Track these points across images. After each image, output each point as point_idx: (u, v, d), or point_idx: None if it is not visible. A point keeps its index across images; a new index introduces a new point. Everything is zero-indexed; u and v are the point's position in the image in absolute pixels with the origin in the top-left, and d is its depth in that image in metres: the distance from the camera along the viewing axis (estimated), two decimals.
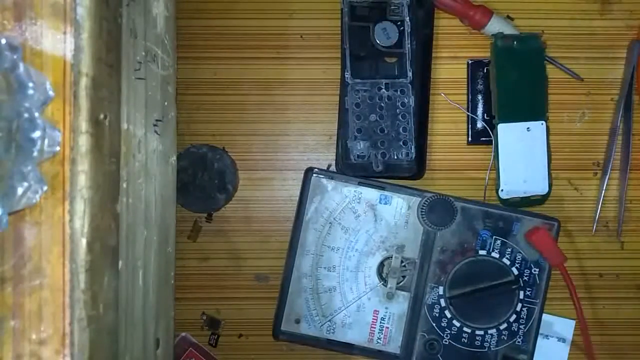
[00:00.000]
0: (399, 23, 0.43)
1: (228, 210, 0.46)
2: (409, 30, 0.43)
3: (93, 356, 0.28)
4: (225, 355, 0.47)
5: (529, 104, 0.44)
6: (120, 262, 0.31)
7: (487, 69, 0.45)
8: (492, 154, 0.45)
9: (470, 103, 0.46)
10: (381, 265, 0.43)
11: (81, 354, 0.27)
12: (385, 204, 0.43)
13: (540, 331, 0.43)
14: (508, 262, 0.42)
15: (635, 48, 0.45)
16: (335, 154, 0.44)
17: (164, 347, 0.40)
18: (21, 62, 0.25)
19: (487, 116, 0.45)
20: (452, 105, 0.46)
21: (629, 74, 0.45)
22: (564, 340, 0.45)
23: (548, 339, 0.44)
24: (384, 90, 0.43)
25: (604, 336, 0.46)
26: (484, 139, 0.46)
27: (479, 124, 0.46)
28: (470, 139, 0.46)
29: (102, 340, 0.29)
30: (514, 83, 0.44)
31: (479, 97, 0.46)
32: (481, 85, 0.45)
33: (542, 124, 0.44)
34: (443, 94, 0.46)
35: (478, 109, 0.46)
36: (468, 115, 0.46)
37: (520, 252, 0.42)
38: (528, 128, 0.44)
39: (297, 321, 0.43)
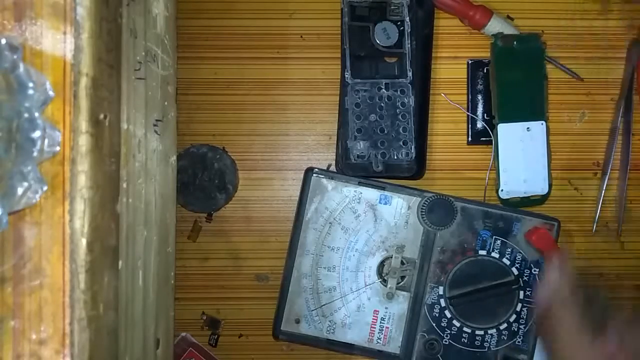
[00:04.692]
0: (399, 23, 0.43)
1: (228, 210, 0.46)
2: (409, 30, 0.43)
3: (93, 356, 0.28)
4: (225, 355, 0.47)
5: (528, 104, 0.44)
6: (120, 262, 0.31)
7: (487, 69, 0.45)
8: (492, 154, 0.45)
9: (470, 103, 0.46)
10: (381, 265, 0.43)
11: (81, 354, 0.27)
12: (386, 204, 0.43)
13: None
14: (508, 262, 0.42)
15: (635, 48, 0.45)
16: (335, 154, 0.44)
17: (164, 347, 0.40)
18: (21, 62, 0.25)
19: (487, 116, 0.45)
20: (452, 105, 0.46)
21: (629, 74, 0.45)
22: None
23: None
24: (384, 90, 0.43)
25: None
26: (484, 139, 0.45)
27: (479, 124, 0.46)
28: (470, 139, 0.46)
29: (102, 340, 0.29)
30: (514, 83, 0.44)
31: (479, 97, 0.46)
32: (481, 85, 0.45)
33: (542, 124, 0.44)
34: (443, 94, 0.46)
35: (478, 109, 0.46)
36: (468, 115, 0.46)
37: (520, 252, 0.42)
38: (528, 128, 0.44)
39: (297, 321, 0.43)
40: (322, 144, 0.46)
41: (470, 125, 0.46)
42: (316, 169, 0.43)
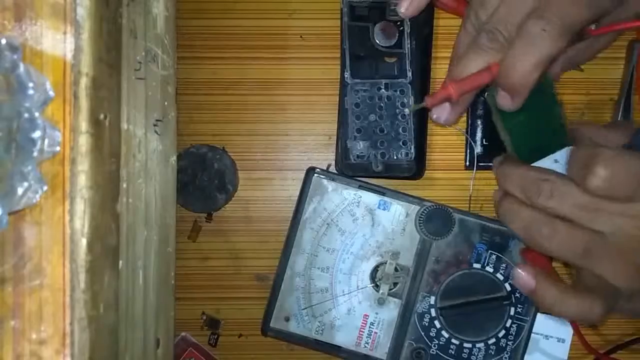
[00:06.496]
0: (398, 23, 0.43)
1: (228, 210, 0.46)
2: (409, 30, 0.43)
3: (93, 356, 0.28)
4: (225, 355, 0.47)
5: (548, 136, 0.40)
6: (120, 262, 0.31)
7: (486, 94, 0.40)
8: None
9: (469, 127, 0.45)
10: (375, 270, 0.43)
11: (81, 354, 0.27)
12: (384, 209, 0.43)
13: (540, 331, 0.43)
14: (501, 278, 0.42)
15: (635, 48, 0.45)
16: (335, 154, 0.44)
17: (164, 347, 0.40)
18: (21, 62, 0.25)
19: (485, 141, 0.44)
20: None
21: (629, 74, 0.45)
22: (563, 341, 0.45)
23: (548, 339, 0.44)
24: (383, 90, 0.43)
25: (604, 336, 0.46)
26: (481, 164, 0.44)
27: (477, 150, 0.44)
28: (467, 163, 0.45)
29: (102, 340, 0.29)
30: (526, 124, 0.39)
31: (479, 122, 0.44)
32: (481, 110, 0.44)
33: (569, 150, 0.39)
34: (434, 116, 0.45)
35: (477, 134, 0.45)
36: (467, 140, 0.45)
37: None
38: (556, 160, 0.39)
39: (287, 319, 0.43)
40: (322, 144, 0.46)
41: (468, 151, 0.45)
42: (318, 169, 0.43)
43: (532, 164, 0.39)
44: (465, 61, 0.37)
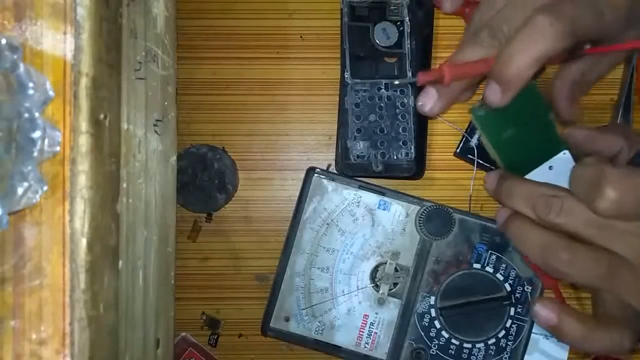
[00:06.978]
0: (398, 23, 0.43)
1: (228, 210, 0.46)
2: (409, 30, 0.43)
3: (93, 356, 0.28)
4: (225, 355, 0.47)
5: (540, 145, 0.39)
6: (120, 262, 0.31)
7: (471, 111, 0.40)
8: None
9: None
10: (375, 270, 0.43)
11: (81, 354, 0.27)
12: (384, 209, 0.43)
13: (540, 331, 0.43)
14: (502, 278, 0.42)
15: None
16: (335, 154, 0.44)
17: (164, 347, 0.40)
18: (21, 62, 0.25)
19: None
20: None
21: (629, 74, 0.45)
22: None
23: (548, 339, 0.44)
24: (383, 90, 0.43)
25: None
26: (471, 156, 0.44)
27: (472, 142, 0.44)
28: (458, 150, 0.44)
29: (102, 340, 0.29)
30: (514, 138, 0.39)
31: None
32: None
33: (564, 154, 0.39)
34: (440, 116, 0.45)
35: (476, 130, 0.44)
36: (464, 135, 0.45)
37: (514, 269, 0.42)
38: (550, 167, 0.39)
39: (287, 319, 0.43)
40: (322, 144, 0.46)
41: (463, 140, 0.44)
42: (318, 169, 0.43)
43: (531, 175, 0.39)
44: (463, 50, 0.37)
